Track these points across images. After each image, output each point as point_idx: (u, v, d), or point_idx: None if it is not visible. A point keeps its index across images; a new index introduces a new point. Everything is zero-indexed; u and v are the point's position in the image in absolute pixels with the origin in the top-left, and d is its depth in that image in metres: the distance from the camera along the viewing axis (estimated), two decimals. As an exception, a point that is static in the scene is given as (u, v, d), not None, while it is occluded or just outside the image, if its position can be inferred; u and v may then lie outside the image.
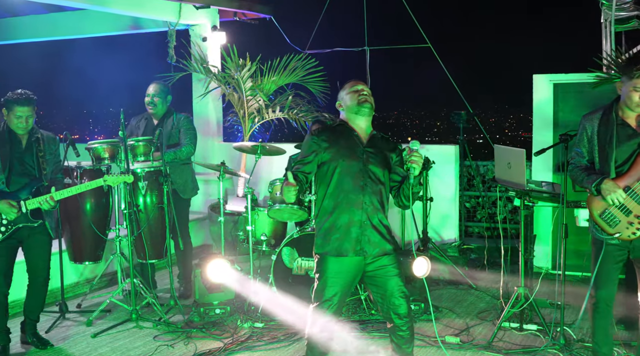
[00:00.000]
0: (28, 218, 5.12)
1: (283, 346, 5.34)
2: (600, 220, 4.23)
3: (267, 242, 6.41)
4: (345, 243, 4.01)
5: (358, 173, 4.02)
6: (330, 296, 4.01)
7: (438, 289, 6.81)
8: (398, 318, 4.06)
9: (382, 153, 4.11)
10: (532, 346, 5.17)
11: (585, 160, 4.35)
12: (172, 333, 5.62)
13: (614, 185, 4.13)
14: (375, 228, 4.04)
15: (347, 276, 4.04)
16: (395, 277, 4.04)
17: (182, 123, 6.58)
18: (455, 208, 8.14)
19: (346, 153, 4.03)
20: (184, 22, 8.99)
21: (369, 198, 4.02)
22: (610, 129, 4.21)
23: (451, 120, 8.32)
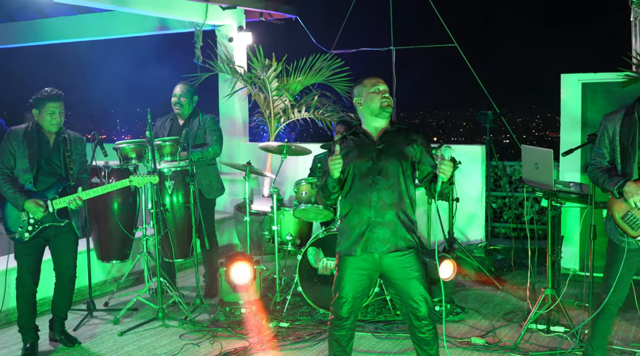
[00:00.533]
0: (55, 218, 5.17)
1: (308, 346, 5.34)
2: (622, 222, 4.18)
3: (292, 242, 6.42)
4: (353, 242, 4.06)
5: (367, 172, 4.04)
6: (345, 293, 4.06)
7: (464, 290, 6.77)
8: (417, 320, 4.07)
9: (395, 147, 4.08)
10: (559, 349, 5.12)
11: (606, 161, 4.28)
12: (197, 332, 5.65)
13: (637, 188, 4.07)
14: (387, 225, 4.02)
15: (362, 274, 4.07)
16: (414, 280, 4.03)
17: (208, 123, 6.62)
18: (482, 208, 8.08)
19: (356, 154, 4.09)
20: (211, 22, 9.03)
21: (376, 195, 4.01)
22: (632, 129, 4.15)
23: (477, 120, 8.27)
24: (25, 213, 5.10)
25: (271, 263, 6.63)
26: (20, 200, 5.05)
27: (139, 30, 9.91)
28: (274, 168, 8.30)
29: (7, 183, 5.10)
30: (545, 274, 5.57)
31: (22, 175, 5.15)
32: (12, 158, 5.14)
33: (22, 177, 5.15)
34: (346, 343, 4.20)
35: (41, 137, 5.22)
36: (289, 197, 8.35)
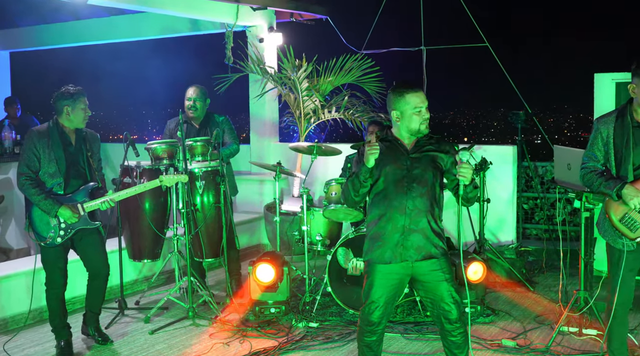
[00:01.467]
0: (87, 221, 5.17)
1: (337, 346, 5.34)
2: (620, 225, 4.14)
3: (322, 242, 6.42)
4: (387, 251, 4.03)
5: (402, 179, 4.02)
6: (376, 298, 4.05)
7: (495, 292, 6.72)
8: (448, 323, 4.05)
9: (428, 156, 4.08)
10: (592, 352, 5.05)
11: (600, 164, 4.25)
12: (227, 332, 5.68)
13: (635, 190, 4.05)
14: (420, 232, 4.02)
15: (393, 279, 4.07)
16: (445, 282, 4.02)
17: (224, 124, 6.72)
18: (513, 209, 8.01)
19: (390, 161, 4.05)
20: (241, 23, 9.07)
21: (412, 203, 4.00)
22: (626, 132, 4.14)
23: (509, 120, 8.20)
24: (55, 218, 5.05)
25: (301, 263, 6.64)
26: (53, 206, 4.98)
27: (170, 31, 9.99)
28: (304, 169, 8.32)
29: (35, 189, 4.99)
30: (577, 276, 5.50)
31: (50, 179, 5.06)
32: (37, 161, 5.03)
33: (50, 181, 5.06)
34: (377, 347, 4.20)
35: (64, 137, 5.15)
36: (319, 197, 8.35)
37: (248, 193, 8.85)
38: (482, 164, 7.08)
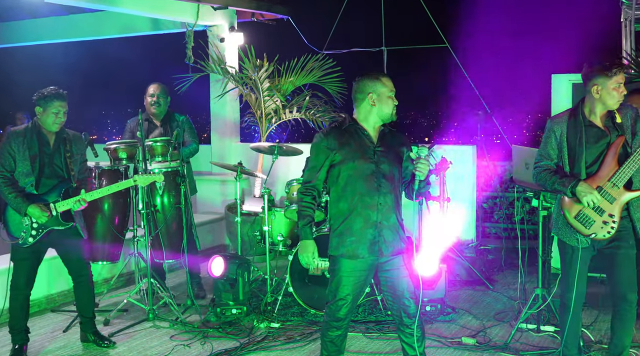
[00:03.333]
0: (59, 221, 5.09)
1: (299, 346, 5.34)
2: (575, 222, 4.24)
3: (283, 242, 6.42)
4: (360, 246, 4.02)
5: (371, 174, 4.01)
6: (344, 295, 4.05)
7: (455, 290, 6.78)
8: (407, 318, 4.08)
9: (392, 150, 4.10)
10: (550, 348, 5.13)
11: (553, 163, 4.35)
12: (188, 333, 5.64)
13: (589, 187, 4.15)
14: (391, 228, 4.05)
15: (361, 276, 4.08)
16: (407, 278, 4.07)
17: (185, 123, 6.68)
18: (473, 208, 8.10)
19: (357, 154, 4.02)
20: (202, 23, 9.02)
21: (383, 199, 4.01)
22: (578, 130, 4.24)
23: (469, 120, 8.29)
24: (27, 218, 4.99)
25: (262, 263, 6.62)
26: (22, 204, 4.94)
27: (130, 30, 9.89)
28: (265, 169, 8.30)
29: (8, 187, 4.96)
30: (535, 274, 5.58)
31: (23, 178, 5.02)
32: (12, 160, 5.01)
33: (23, 180, 5.02)
34: (341, 343, 4.22)
35: (41, 137, 5.10)
36: (280, 198, 8.34)
37: (209, 193, 8.81)
38: (442, 164, 7.15)
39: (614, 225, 4.18)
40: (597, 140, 4.24)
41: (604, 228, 4.20)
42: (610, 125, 4.23)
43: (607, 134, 4.22)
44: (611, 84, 4.15)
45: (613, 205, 4.17)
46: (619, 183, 4.15)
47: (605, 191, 4.17)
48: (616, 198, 4.16)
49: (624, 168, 4.13)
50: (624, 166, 4.13)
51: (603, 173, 4.18)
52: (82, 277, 5.35)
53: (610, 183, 4.16)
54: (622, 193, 4.16)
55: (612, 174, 4.16)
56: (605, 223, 4.20)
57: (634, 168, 4.13)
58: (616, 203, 4.17)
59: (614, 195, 4.16)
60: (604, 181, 4.18)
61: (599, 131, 4.24)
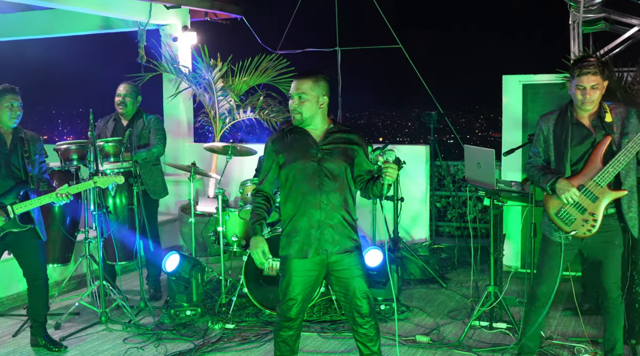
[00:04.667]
0: (16, 224, 4.99)
1: (254, 347, 5.32)
2: (556, 218, 4.31)
3: (238, 243, 6.39)
4: (305, 245, 4.04)
5: (313, 173, 4.02)
6: (294, 294, 4.07)
7: (409, 289, 6.84)
8: (360, 318, 4.09)
9: (339, 148, 4.08)
10: (502, 344, 5.21)
11: (542, 160, 4.43)
12: (142, 336, 5.57)
13: (567, 184, 4.20)
14: (336, 227, 4.04)
15: (310, 276, 4.09)
16: (358, 278, 4.06)
17: (152, 123, 6.55)
18: (426, 208, 8.18)
19: (299, 155, 4.04)
20: (155, 22, 8.93)
21: (326, 197, 4.01)
22: (565, 129, 4.30)
23: (422, 120, 8.37)
24: None
25: (217, 264, 6.58)
26: None
27: (81, 28, 9.73)
28: (219, 169, 8.25)
29: None
30: (488, 272, 5.66)
31: None
32: None
33: None
34: (293, 343, 4.21)
35: None
36: (235, 198, 8.31)
37: (163, 194, 8.70)
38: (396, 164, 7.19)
39: (594, 223, 4.21)
40: (582, 138, 4.27)
41: (584, 226, 4.24)
42: (598, 124, 4.26)
43: (593, 133, 4.25)
44: (573, 83, 4.21)
45: (595, 204, 4.20)
46: (602, 182, 4.17)
47: (587, 190, 4.20)
48: (599, 197, 4.19)
49: (608, 167, 4.15)
50: (607, 165, 4.15)
51: (587, 171, 4.22)
52: (38, 281, 5.25)
53: (593, 182, 4.19)
54: (605, 192, 4.19)
55: (596, 173, 4.18)
56: (585, 222, 4.24)
57: (619, 168, 4.15)
58: (599, 202, 4.19)
59: (597, 194, 4.19)
60: (587, 179, 4.21)
61: (584, 130, 4.27)
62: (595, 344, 5.11)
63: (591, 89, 4.15)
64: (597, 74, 4.15)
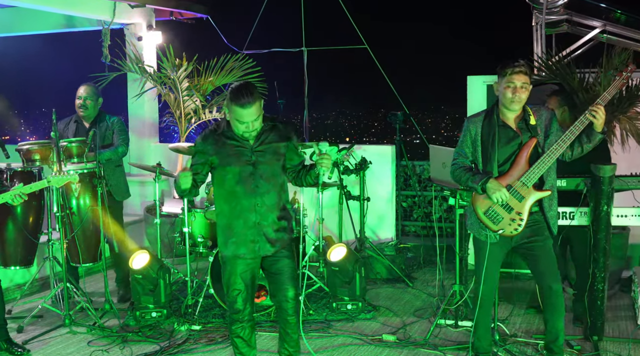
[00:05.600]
0: None
1: (220, 348, 5.30)
2: (484, 217, 4.39)
3: (204, 244, 6.36)
4: (241, 247, 4.19)
5: (248, 177, 4.13)
6: (237, 285, 4.24)
7: (375, 288, 6.87)
8: (286, 302, 4.29)
9: (271, 147, 4.19)
10: (467, 343, 5.25)
11: (469, 161, 4.49)
12: (107, 338, 5.52)
13: (498, 184, 4.29)
14: (271, 227, 4.20)
15: (247, 270, 4.25)
16: (288, 266, 4.28)
17: (115, 125, 6.50)
18: (392, 207, 8.22)
19: (233, 158, 4.13)
20: (119, 21, 8.85)
21: (261, 200, 4.15)
22: (492, 131, 4.38)
23: (388, 120, 8.42)
24: None
25: (182, 265, 6.54)
26: None
27: (44, 27, 9.60)
28: (185, 170, 8.18)
29: None
30: (453, 271, 5.71)
31: None
32: None
33: None
34: (248, 338, 4.36)
35: None
36: (200, 199, 8.26)
37: (127, 195, 8.63)
38: (362, 164, 7.23)
39: (521, 222, 4.33)
40: (508, 140, 4.37)
41: (511, 225, 4.34)
42: (523, 126, 4.38)
43: (519, 135, 4.36)
44: (504, 83, 4.30)
45: (522, 204, 4.31)
46: (528, 182, 4.29)
47: (514, 190, 4.31)
48: (525, 197, 4.31)
49: (534, 168, 4.28)
50: (533, 166, 4.28)
51: (514, 172, 4.32)
52: None
53: (520, 183, 4.30)
54: (530, 192, 4.31)
55: (522, 174, 4.30)
56: (512, 221, 4.34)
57: (544, 169, 4.28)
58: (525, 202, 4.31)
59: (523, 194, 4.31)
60: (514, 180, 4.31)
61: (511, 131, 4.38)
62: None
63: (520, 87, 4.27)
64: (527, 74, 4.29)
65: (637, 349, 5.14)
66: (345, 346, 5.30)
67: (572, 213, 5.21)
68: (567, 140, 4.27)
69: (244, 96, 3.99)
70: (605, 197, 4.95)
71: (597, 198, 4.98)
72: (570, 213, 5.22)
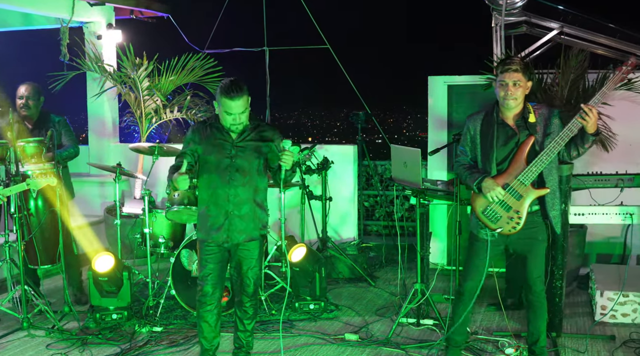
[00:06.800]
0: None
1: (182, 350, 5.26)
2: (483, 216, 4.41)
3: (165, 245, 6.31)
4: (213, 232, 4.51)
5: (225, 168, 4.46)
6: (208, 272, 4.54)
7: (338, 287, 6.89)
8: (245, 296, 4.62)
9: (252, 145, 4.50)
10: (429, 340, 5.31)
11: (469, 159, 4.54)
12: (66, 341, 5.44)
13: (493, 183, 4.32)
14: (244, 218, 4.50)
15: (218, 256, 4.56)
16: (254, 260, 4.58)
17: (61, 125, 6.45)
18: (354, 207, 8.25)
19: (215, 150, 4.48)
20: (78, 19, 8.72)
21: (234, 191, 4.45)
22: (491, 129, 4.41)
23: (350, 120, 8.44)
24: None
25: (143, 267, 6.47)
26: None
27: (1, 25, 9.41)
28: (146, 170, 8.11)
29: None
30: (415, 269, 5.75)
31: None
32: None
33: None
34: (214, 323, 4.64)
35: None
36: (162, 199, 8.18)
37: (87, 196, 8.54)
38: (324, 163, 7.24)
39: (519, 221, 4.33)
40: (507, 138, 4.38)
41: (509, 223, 4.35)
42: (521, 124, 4.37)
43: (516, 133, 4.36)
44: (497, 81, 4.34)
45: (520, 202, 4.31)
46: (526, 181, 4.28)
47: (512, 188, 4.31)
48: (523, 196, 4.31)
49: (531, 167, 4.27)
50: (531, 165, 4.27)
51: (512, 170, 4.33)
52: None
53: (517, 181, 4.30)
54: (529, 190, 4.31)
55: (520, 172, 4.30)
56: (510, 219, 4.35)
57: (541, 167, 4.27)
58: (523, 200, 4.31)
59: (521, 193, 4.31)
60: (512, 178, 4.31)
61: (509, 130, 4.38)
62: (518, 338, 5.25)
63: (513, 85, 4.27)
64: (519, 72, 4.27)
65: (594, 344, 5.24)
66: (308, 346, 5.30)
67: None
68: (563, 139, 4.23)
69: (233, 90, 4.31)
70: (563, 195, 5.03)
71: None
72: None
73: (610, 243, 7.28)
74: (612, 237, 7.23)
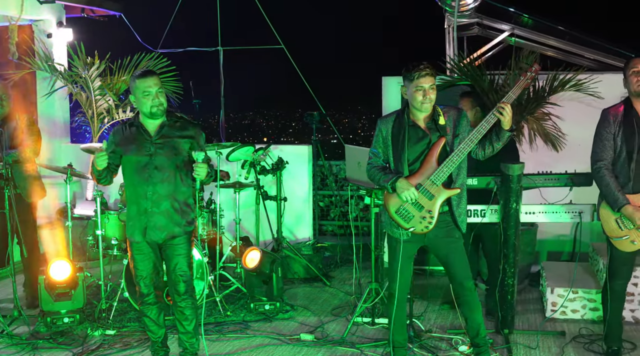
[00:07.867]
0: None
1: (136, 352, 5.21)
2: (396, 216, 4.48)
3: (118, 246, 6.23)
4: (135, 231, 4.54)
5: (145, 166, 4.47)
6: (140, 272, 4.62)
7: (293, 288, 6.89)
8: (177, 295, 4.64)
9: (171, 142, 4.51)
10: (384, 339, 5.34)
11: (382, 160, 4.58)
12: (15, 346, 5.32)
13: (407, 184, 4.38)
14: (162, 214, 4.51)
15: (147, 255, 4.60)
16: (180, 257, 4.60)
17: (25, 123, 6.26)
18: (309, 207, 8.26)
19: (133, 149, 4.49)
20: (27, 17, 8.55)
21: (152, 188, 4.47)
22: (402, 131, 4.47)
23: (305, 120, 8.44)
24: None
25: (96, 269, 6.38)
26: None
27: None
28: (98, 171, 7.99)
29: None
30: (370, 269, 5.78)
31: None
32: None
33: None
34: (157, 317, 4.74)
35: None
36: (114, 200, 8.06)
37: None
38: (279, 164, 7.24)
39: (431, 220, 4.41)
40: (418, 139, 4.45)
41: (422, 223, 4.43)
42: (432, 126, 4.46)
43: (428, 135, 4.44)
44: (412, 86, 4.38)
45: (432, 202, 4.39)
46: (437, 181, 4.37)
47: (424, 188, 4.39)
48: (435, 195, 4.39)
49: (442, 167, 4.36)
50: (442, 165, 4.36)
51: (423, 171, 4.40)
52: None
53: (429, 181, 4.38)
54: (440, 190, 4.39)
55: (432, 173, 4.38)
56: (423, 218, 4.42)
57: (452, 167, 4.36)
58: (435, 200, 4.39)
59: (433, 192, 4.39)
60: (424, 179, 4.39)
61: (420, 131, 4.45)
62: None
63: (430, 89, 4.37)
64: (433, 76, 4.41)
65: (545, 340, 5.34)
66: (263, 347, 5.29)
67: (484, 211, 5.37)
68: (475, 138, 4.34)
69: (145, 72, 4.45)
70: (514, 194, 5.12)
71: (506, 196, 5.14)
72: (481, 210, 5.37)
73: (561, 241, 7.43)
74: (562, 234, 7.38)
